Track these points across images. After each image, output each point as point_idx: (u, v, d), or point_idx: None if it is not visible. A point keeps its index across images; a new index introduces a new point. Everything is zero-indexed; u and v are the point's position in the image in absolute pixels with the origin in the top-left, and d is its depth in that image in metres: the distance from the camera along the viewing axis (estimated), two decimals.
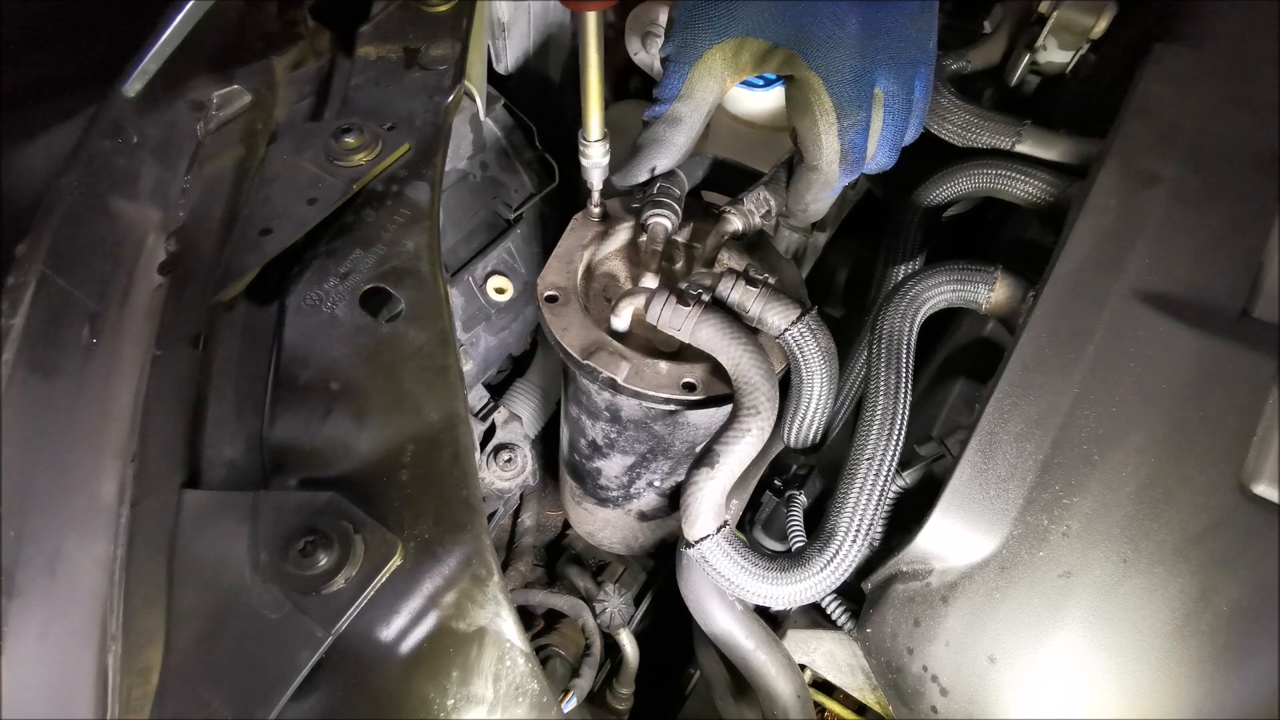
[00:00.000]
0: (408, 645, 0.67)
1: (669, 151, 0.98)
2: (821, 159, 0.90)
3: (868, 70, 0.84)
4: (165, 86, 0.94)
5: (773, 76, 1.16)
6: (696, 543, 0.88)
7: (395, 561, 0.68)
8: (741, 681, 1.02)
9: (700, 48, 0.88)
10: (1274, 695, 0.70)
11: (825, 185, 0.94)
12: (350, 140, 0.94)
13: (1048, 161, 1.09)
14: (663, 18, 1.30)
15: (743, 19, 0.85)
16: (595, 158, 0.98)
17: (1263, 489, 0.75)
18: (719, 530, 0.88)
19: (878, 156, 0.91)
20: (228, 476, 0.76)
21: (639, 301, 0.96)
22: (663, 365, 0.97)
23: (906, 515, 0.90)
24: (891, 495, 0.92)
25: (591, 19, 0.85)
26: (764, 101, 1.30)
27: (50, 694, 0.66)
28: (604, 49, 0.89)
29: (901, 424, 0.88)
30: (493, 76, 1.35)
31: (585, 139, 0.96)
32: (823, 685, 1.02)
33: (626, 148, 1.00)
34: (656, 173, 1.01)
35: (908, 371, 0.91)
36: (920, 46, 0.88)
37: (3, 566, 0.68)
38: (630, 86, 1.62)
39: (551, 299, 1.02)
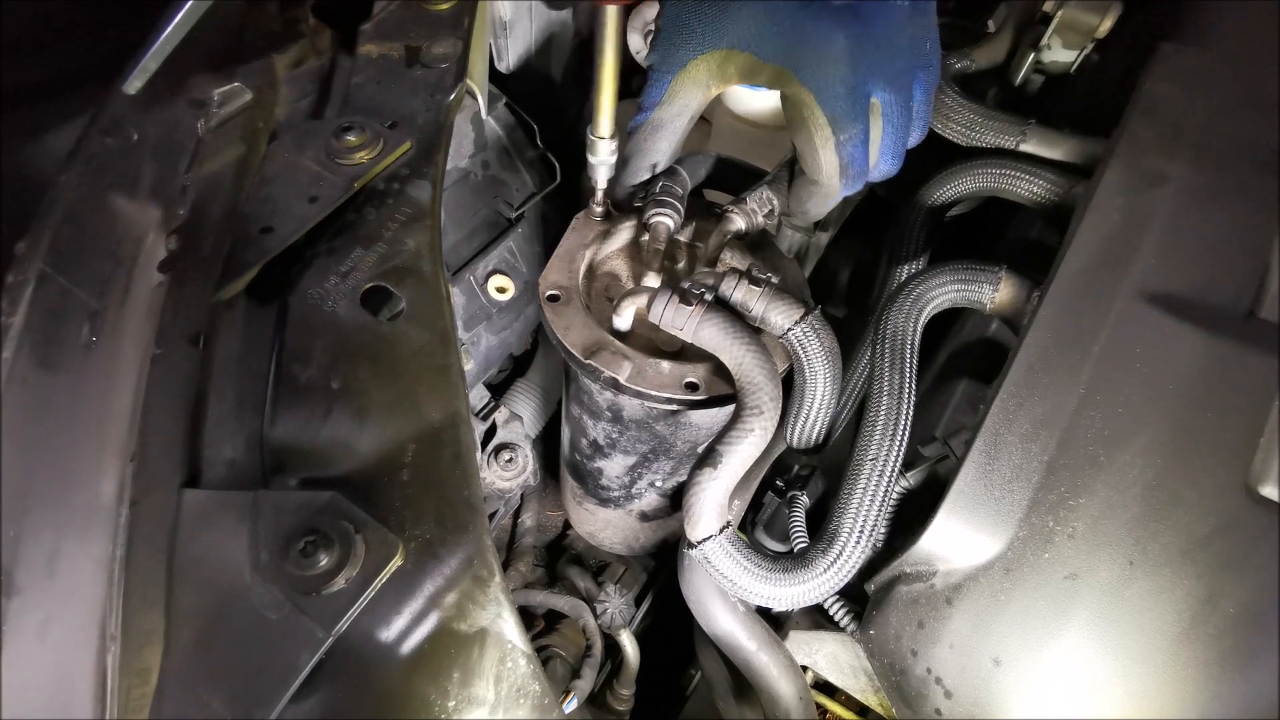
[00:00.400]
0: (409, 646, 0.66)
1: (655, 158, 0.98)
2: (821, 174, 0.89)
3: (861, 82, 0.83)
4: (166, 84, 0.94)
5: None
6: (699, 543, 0.87)
7: (396, 562, 0.67)
8: (743, 682, 1.02)
9: (684, 58, 0.87)
10: None
11: (826, 197, 0.93)
12: (351, 138, 0.93)
13: (1052, 161, 1.08)
14: None
15: (728, 32, 0.85)
16: (603, 155, 0.97)
17: (1269, 490, 0.74)
18: (721, 531, 0.87)
19: (881, 165, 0.91)
20: (228, 476, 0.76)
21: (641, 301, 0.96)
22: (665, 365, 0.97)
23: (910, 516, 0.90)
24: (895, 496, 0.92)
25: (612, 14, 0.84)
26: (767, 100, 1.29)
27: (49, 694, 0.65)
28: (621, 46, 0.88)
29: (905, 424, 0.87)
30: (494, 75, 1.35)
31: (594, 135, 0.96)
32: (825, 687, 1.02)
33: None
34: (650, 175, 1.01)
35: (912, 372, 0.90)
36: (915, 52, 0.87)
37: (2, 565, 0.68)
38: (633, 85, 1.62)
39: (553, 298, 1.02)
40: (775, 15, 0.82)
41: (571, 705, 1.24)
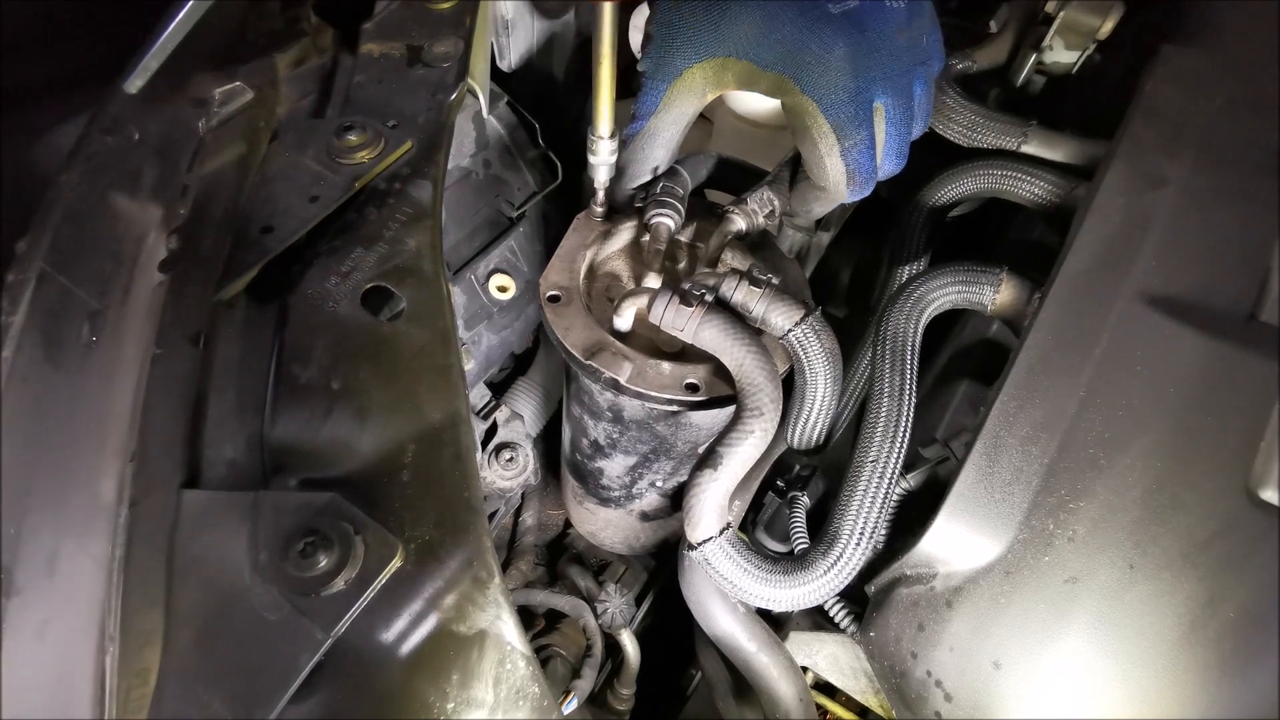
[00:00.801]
0: (408, 647, 0.66)
1: (653, 163, 0.97)
2: (828, 180, 0.89)
3: (862, 89, 0.83)
4: (167, 83, 0.94)
5: None
6: (699, 545, 0.87)
7: (395, 563, 0.67)
8: (743, 683, 1.02)
9: (679, 66, 0.87)
10: None
11: (833, 202, 0.93)
12: (353, 138, 0.93)
13: (1054, 162, 1.08)
14: None
15: (726, 39, 0.84)
16: (603, 155, 0.97)
17: (1270, 494, 0.74)
18: (722, 532, 0.87)
19: (885, 165, 0.91)
20: (228, 476, 0.76)
21: (642, 301, 0.96)
22: (665, 366, 0.97)
23: (911, 518, 0.90)
24: (895, 498, 0.92)
25: (607, 12, 0.83)
26: (769, 100, 1.29)
27: (48, 694, 0.65)
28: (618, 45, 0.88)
29: (906, 426, 0.87)
30: (496, 74, 1.35)
31: (594, 135, 0.95)
32: (825, 688, 1.02)
33: None
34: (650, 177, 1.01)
35: (912, 373, 0.90)
36: (913, 52, 0.87)
37: (2, 565, 0.68)
38: (633, 85, 1.62)
39: (554, 299, 1.02)
40: (773, 23, 0.82)
41: (571, 705, 1.24)
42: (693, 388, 0.96)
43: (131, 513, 0.70)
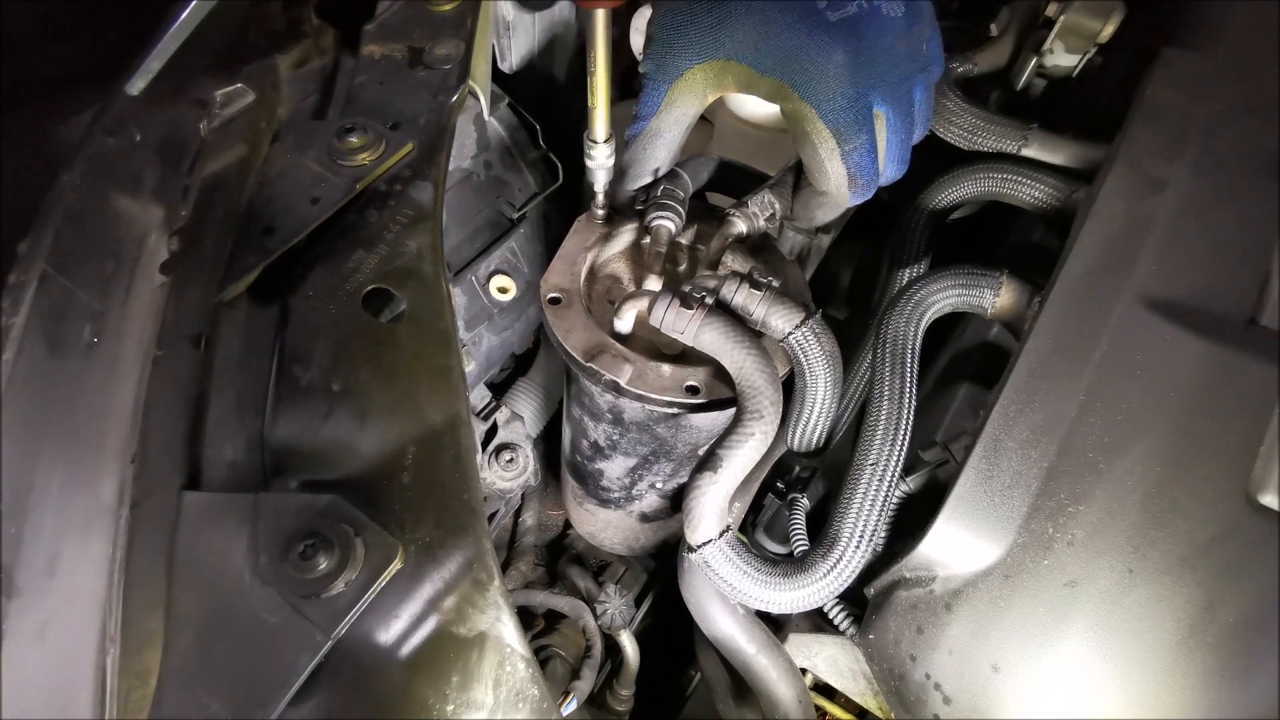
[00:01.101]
0: (408, 649, 0.67)
1: (655, 165, 0.97)
2: (830, 185, 0.89)
3: (862, 95, 0.83)
4: (169, 85, 0.94)
5: None
6: (699, 547, 0.87)
7: (395, 565, 0.67)
8: (743, 684, 1.02)
9: (680, 67, 0.87)
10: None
11: (836, 207, 0.93)
12: (354, 139, 0.93)
13: (1054, 166, 1.08)
14: None
15: (726, 43, 0.84)
16: (601, 159, 0.97)
17: (1269, 499, 0.74)
18: (721, 535, 0.87)
19: (886, 171, 0.91)
20: (228, 478, 0.76)
21: (642, 304, 0.96)
22: (666, 368, 0.97)
23: (910, 521, 0.90)
24: (895, 500, 0.92)
25: (600, 18, 0.84)
26: (769, 104, 1.29)
27: (49, 695, 0.65)
28: (611, 48, 0.88)
29: (906, 428, 0.87)
30: (497, 75, 1.35)
31: (591, 139, 0.96)
32: (824, 689, 1.02)
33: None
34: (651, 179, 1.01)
35: (912, 376, 0.90)
36: (912, 59, 0.87)
37: (2, 566, 0.68)
38: (635, 86, 1.62)
39: (555, 300, 1.02)
40: (771, 29, 0.82)
41: (571, 706, 1.24)
42: (693, 390, 0.96)
43: (132, 514, 0.70)
